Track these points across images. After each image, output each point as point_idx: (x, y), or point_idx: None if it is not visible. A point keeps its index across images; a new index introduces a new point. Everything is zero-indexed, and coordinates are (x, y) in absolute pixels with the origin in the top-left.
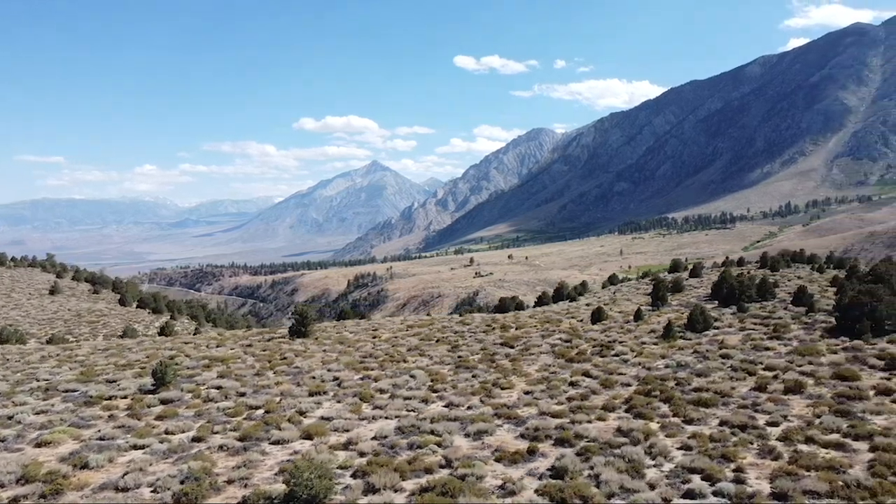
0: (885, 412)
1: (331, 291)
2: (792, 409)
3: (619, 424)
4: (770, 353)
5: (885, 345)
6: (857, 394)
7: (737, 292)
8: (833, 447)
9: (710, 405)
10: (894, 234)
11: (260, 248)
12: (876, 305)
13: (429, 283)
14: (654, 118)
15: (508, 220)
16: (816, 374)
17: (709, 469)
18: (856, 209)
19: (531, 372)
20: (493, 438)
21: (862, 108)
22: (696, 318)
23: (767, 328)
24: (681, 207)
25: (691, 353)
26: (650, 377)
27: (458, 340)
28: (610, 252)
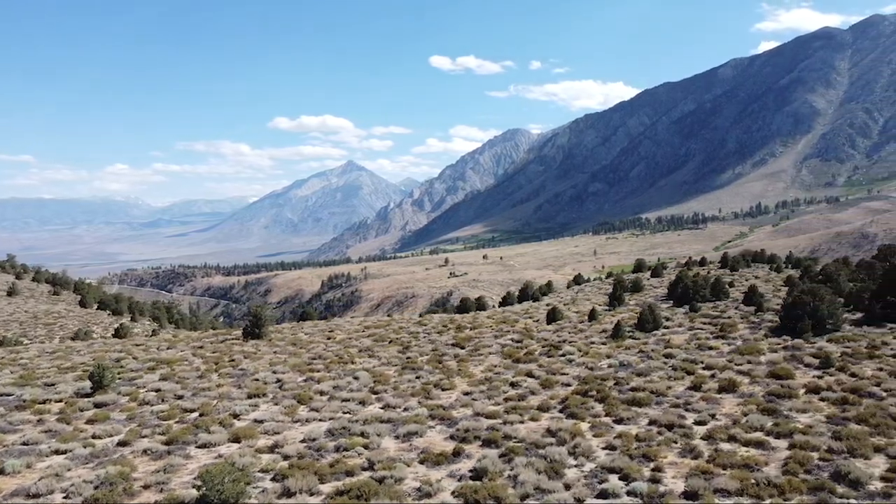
0: (811, 410)
1: (304, 292)
2: (722, 408)
3: (550, 425)
4: (713, 353)
5: (823, 343)
6: (788, 392)
7: (690, 292)
8: (754, 445)
9: (644, 404)
10: (860, 234)
11: (234, 248)
12: (818, 305)
13: (403, 284)
14: (628, 119)
15: (484, 220)
16: (752, 372)
17: (627, 469)
18: (824, 210)
19: (476, 373)
20: (423, 440)
21: (830, 110)
22: (645, 318)
23: (715, 327)
24: (654, 208)
25: (636, 353)
26: (591, 377)
27: (411, 341)
28: (584, 252)
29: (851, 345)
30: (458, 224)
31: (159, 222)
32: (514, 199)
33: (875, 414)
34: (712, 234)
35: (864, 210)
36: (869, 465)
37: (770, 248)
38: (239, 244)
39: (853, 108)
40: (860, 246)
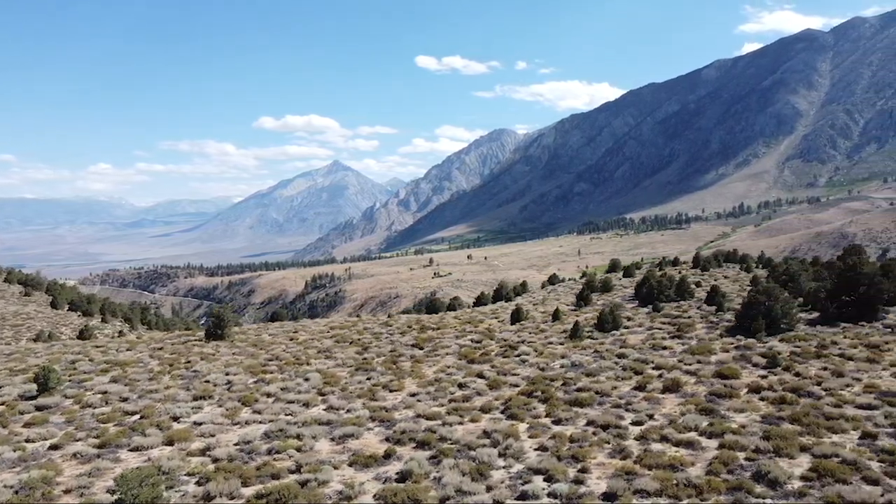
0: (749, 409)
1: (288, 292)
2: (662, 408)
3: (488, 426)
4: (665, 353)
5: (775, 343)
6: (730, 392)
7: (655, 292)
8: (684, 445)
9: (586, 405)
10: (839, 234)
11: (219, 248)
12: (772, 305)
13: (387, 284)
14: (613, 120)
15: (470, 220)
16: (700, 372)
17: (553, 470)
18: (805, 210)
19: (428, 374)
20: (358, 442)
21: (812, 111)
22: (605, 318)
23: (673, 327)
24: (639, 208)
25: (591, 353)
26: (540, 377)
27: (371, 342)
28: (568, 252)
29: (802, 344)
30: (443, 224)
31: (143, 222)
32: (499, 199)
33: (808, 413)
34: (695, 234)
35: (844, 210)
36: (792, 465)
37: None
38: (224, 244)
39: (834, 110)
40: (839, 246)
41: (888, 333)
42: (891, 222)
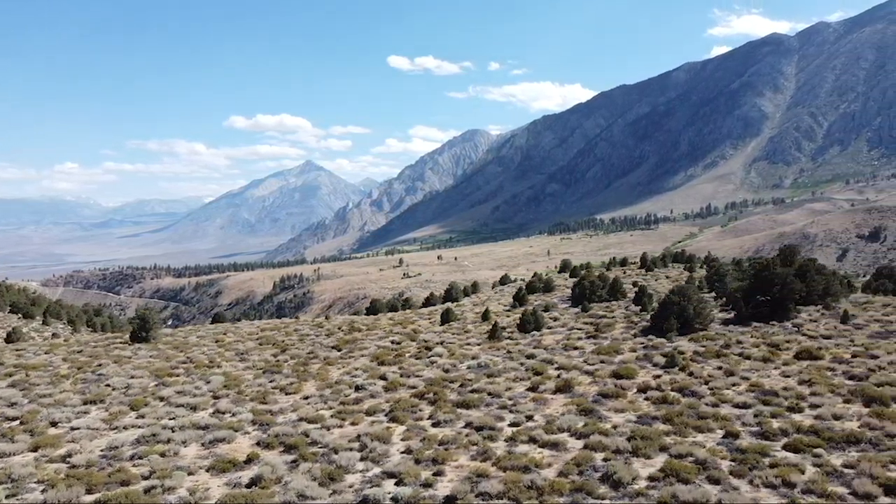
0: (629, 409)
1: (256, 293)
2: (546, 409)
3: (364, 429)
4: (575, 353)
5: (682, 343)
6: (618, 392)
7: (587, 293)
8: (550, 446)
9: (472, 406)
10: (801, 234)
11: (189, 249)
12: (685, 305)
13: (355, 285)
14: (584, 121)
15: (442, 220)
16: (598, 372)
17: (407, 473)
18: (770, 211)
19: (333, 376)
20: (228, 446)
21: (778, 114)
22: (527, 318)
23: (593, 328)
24: (609, 209)
25: (503, 354)
26: (440, 379)
27: (294, 344)
28: (538, 252)
29: (707, 344)
30: (416, 224)
31: (111, 223)
32: (472, 199)
33: (683, 413)
34: (663, 234)
35: (807, 211)
36: (646, 465)
37: (717, 249)
38: (194, 245)
39: (799, 113)
40: (801, 246)
41: (793, 333)
42: (850, 223)
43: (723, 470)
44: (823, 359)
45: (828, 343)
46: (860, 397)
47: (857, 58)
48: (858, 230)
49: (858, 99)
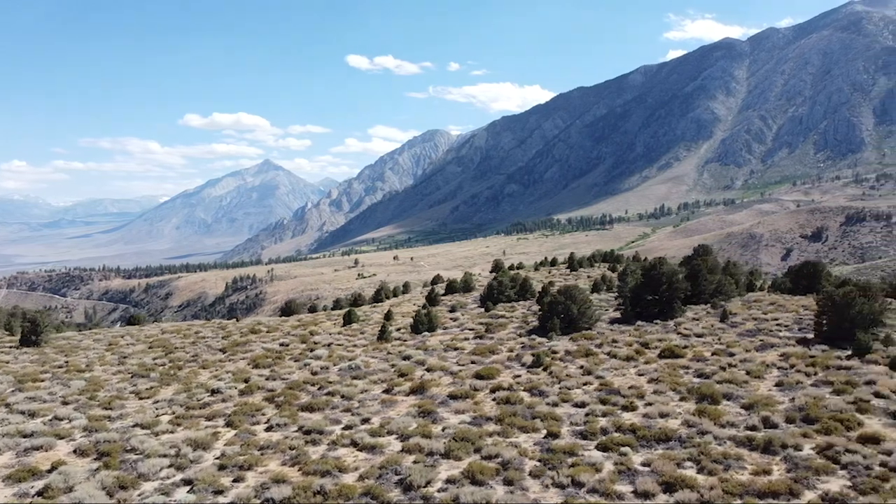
0: (469, 411)
1: (208, 295)
2: (390, 411)
3: (192, 435)
4: (453, 354)
5: (560, 342)
6: (468, 393)
7: (495, 293)
8: (368, 450)
9: (316, 409)
10: (748, 234)
11: (143, 249)
12: (569, 305)
13: (308, 286)
14: (543, 122)
15: (402, 220)
16: (462, 373)
17: (203, 480)
18: (720, 211)
19: (200, 380)
20: (43, 454)
21: (730, 117)
22: (420, 319)
23: (484, 328)
24: (567, 209)
25: (383, 355)
26: (301, 382)
27: (182, 347)
28: (494, 252)
29: (583, 343)
30: (375, 224)
31: (61, 223)
32: (431, 199)
33: (518, 413)
34: (617, 234)
35: (755, 212)
36: (452, 467)
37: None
38: (148, 245)
39: (750, 116)
40: (748, 245)
41: (670, 331)
42: (794, 223)
43: (524, 471)
44: (684, 357)
45: (697, 342)
46: (695, 395)
47: (804, 63)
48: (802, 230)
49: (806, 103)
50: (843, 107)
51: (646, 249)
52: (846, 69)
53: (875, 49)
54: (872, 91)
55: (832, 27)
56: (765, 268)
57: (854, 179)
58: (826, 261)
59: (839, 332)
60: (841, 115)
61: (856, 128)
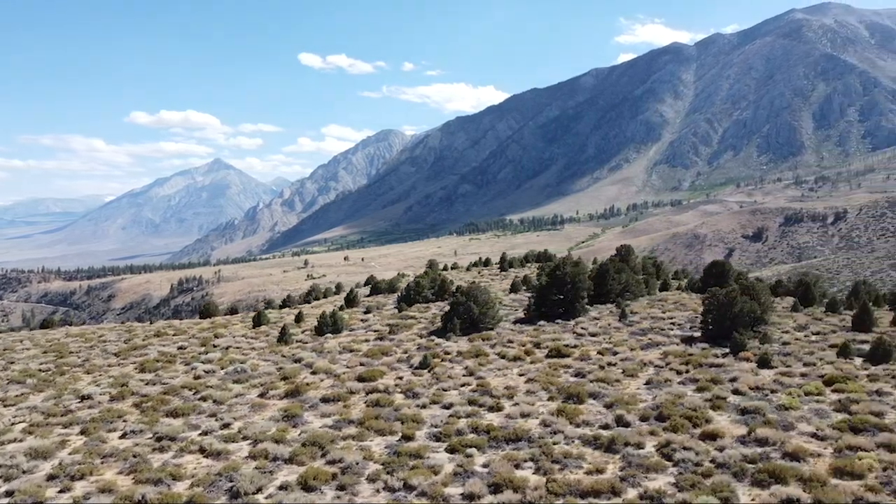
0: (337, 414)
1: (152, 297)
2: (255, 416)
3: (34, 444)
4: (347, 356)
5: (454, 343)
6: (342, 396)
7: (412, 293)
8: (214, 456)
9: (181, 415)
10: (692, 235)
11: (88, 250)
12: (470, 305)
13: (256, 287)
14: (497, 123)
15: (355, 221)
16: (344, 375)
17: (24, 491)
18: (667, 212)
19: (75, 386)
20: None
21: (678, 120)
22: (324, 321)
23: (388, 329)
24: (519, 209)
25: (276, 357)
26: (179, 386)
27: (79, 351)
28: (446, 253)
29: (478, 343)
30: (328, 225)
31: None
32: (385, 199)
33: (380, 416)
34: (568, 235)
35: (700, 213)
36: (291, 473)
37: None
38: (93, 246)
39: (697, 119)
40: (692, 245)
41: (567, 331)
42: (736, 224)
43: (362, 475)
44: (570, 357)
45: (588, 341)
46: (563, 395)
47: (748, 68)
48: (744, 231)
49: (750, 107)
50: (785, 111)
51: (595, 249)
52: (787, 75)
53: (814, 56)
54: (812, 96)
55: (775, 34)
56: None
57: (794, 181)
58: (766, 260)
59: (722, 331)
60: (783, 119)
61: (796, 131)
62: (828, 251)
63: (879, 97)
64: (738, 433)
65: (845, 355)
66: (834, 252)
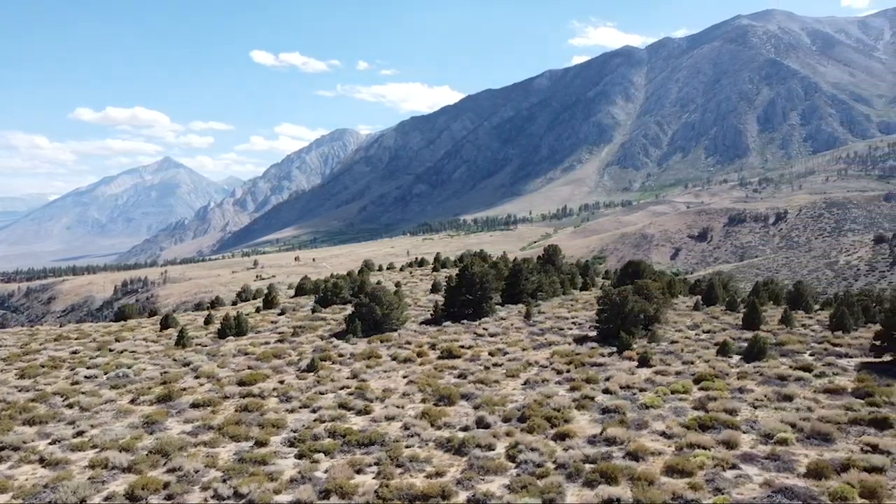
0: (200, 420)
1: (95, 298)
2: (114, 423)
3: None
4: (238, 360)
5: (351, 345)
6: (211, 401)
7: (328, 294)
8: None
9: (40, 423)
10: (640, 235)
11: (30, 251)
12: (374, 307)
13: (203, 288)
14: (452, 123)
15: (308, 221)
16: (225, 379)
17: None
18: (618, 213)
19: None
20: None
21: (629, 122)
22: (228, 324)
23: (292, 330)
24: (473, 209)
25: (167, 361)
26: (49, 393)
27: None
28: (398, 253)
29: (376, 345)
30: (281, 225)
31: None
32: (339, 199)
33: (241, 421)
34: (521, 234)
35: (649, 213)
36: (123, 483)
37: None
38: (36, 247)
39: (647, 121)
40: (640, 245)
41: (470, 331)
42: (683, 224)
43: (197, 483)
44: (461, 357)
45: (485, 341)
46: (436, 397)
47: (697, 72)
48: (690, 231)
49: (698, 110)
50: (731, 114)
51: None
52: (734, 79)
53: (759, 61)
54: (756, 100)
55: (722, 39)
56: (655, 266)
57: (739, 183)
58: (710, 260)
59: (612, 331)
60: (729, 122)
61: (742, 134)
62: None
63: (820, 102)
64: (591, 433)
65: (724, 353)
66: (775, 251)
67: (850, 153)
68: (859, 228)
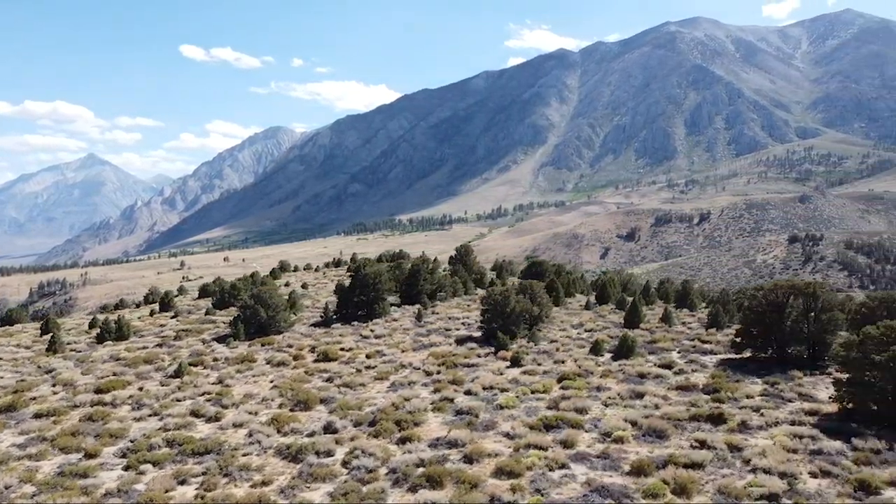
0: (34, 431)
1: (8, 301)
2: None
3: None
4: (105, 366)
5: (235, 348)
6: (55, 410)
7: (227, 296)
8: None
9: None
10: (572, 234)
11: None
12: (258, 310)
13: (126, 290)
14: (388, 122)
15: (240, 220)
16: (82, 386)
17: None
18: (551, 213)
19: None
20: None
21: (563, 123)
22: (108, 328)
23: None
24: (410, 209)
25: (31, 368)
26: None
27: None
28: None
29: (256, 348)
30: (212, 224)
31: None
32: (272, 198)
33: (79, 432)
34: (456, 234)
35: (581, 213)
36: None
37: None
38: None
39: (580, 123)
40: (572, 245)
41: (356, 333)
42: (612, 224)
43: (6, 499)
44: (338, 360)
45: (369, 343)
46: (293, 401)
47: (628, 76)
48: (619, 231)
49: (629, 113)
50: (660, 118)
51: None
52: (663, 83)
53: (686, 66)
54: (684, 104)
55: (651, 44)
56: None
57: (667, 184)
58: (638, 259)
59: (496, 331)
60: (658, 125)
61: (670, 137)
62: (693, 250)
63: (742, 107)
64: (436, 436)
65: (597, 353)
66: (698, 251)
67: (770, 156)
68: (776, 228)
